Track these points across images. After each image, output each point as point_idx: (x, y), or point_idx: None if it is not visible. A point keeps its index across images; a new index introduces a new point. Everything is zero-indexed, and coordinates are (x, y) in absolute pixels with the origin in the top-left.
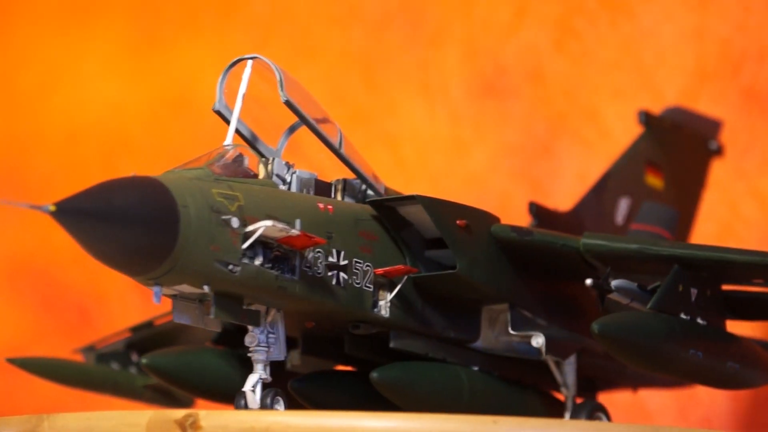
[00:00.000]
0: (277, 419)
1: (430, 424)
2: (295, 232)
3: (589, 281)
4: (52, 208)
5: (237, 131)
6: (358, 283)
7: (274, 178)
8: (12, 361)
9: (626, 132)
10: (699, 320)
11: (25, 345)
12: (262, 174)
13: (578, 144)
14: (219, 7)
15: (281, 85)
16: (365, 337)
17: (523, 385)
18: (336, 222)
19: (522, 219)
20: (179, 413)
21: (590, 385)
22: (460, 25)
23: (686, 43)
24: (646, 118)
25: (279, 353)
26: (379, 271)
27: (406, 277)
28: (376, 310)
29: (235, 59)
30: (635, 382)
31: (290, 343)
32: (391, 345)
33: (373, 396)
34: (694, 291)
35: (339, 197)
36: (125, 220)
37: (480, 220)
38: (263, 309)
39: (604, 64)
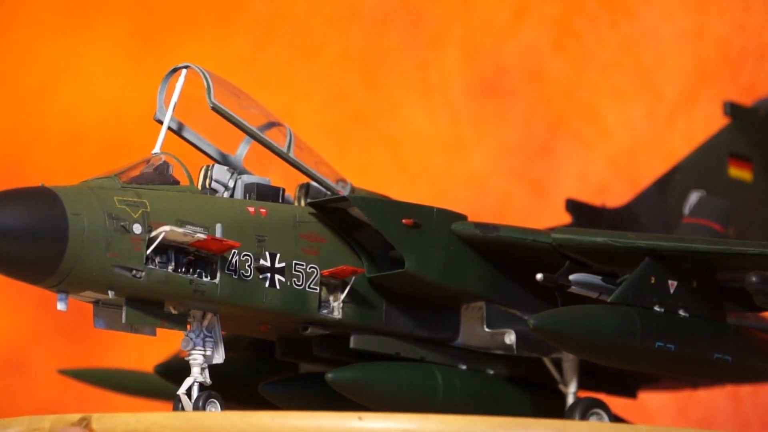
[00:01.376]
0: (156, 421)
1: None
2: (200, 236)
3: (539, 276)
4: None
5: (196, 143)
6: (299, 285)
7: (214, 184)
8: (65, 372)
9: (626, 132)
10: (681, 312)
11: (25, 345)
12: (201, 180)
13: (578, 144)
14: (219, 7)
15: (209, 92)
16: (332, 339)
17: (522, 383)
18: (269, 225)
19: (522, 218)
20: (76, 416)
21: (627, 382)
22: (460, 25)
23: (686, 43)
24: (732, 110)
25: (218, 356)
26: (326, 272)
27: (353, 277)
28: (326, 311)
29: (171, 68)
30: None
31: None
32: (351, 346)
33: (341, 396)
34: (672, 283)
35: (302, 203)
36: (12, 231)
37: (438, 218)
38: (199, 313)
39: (604, 64)
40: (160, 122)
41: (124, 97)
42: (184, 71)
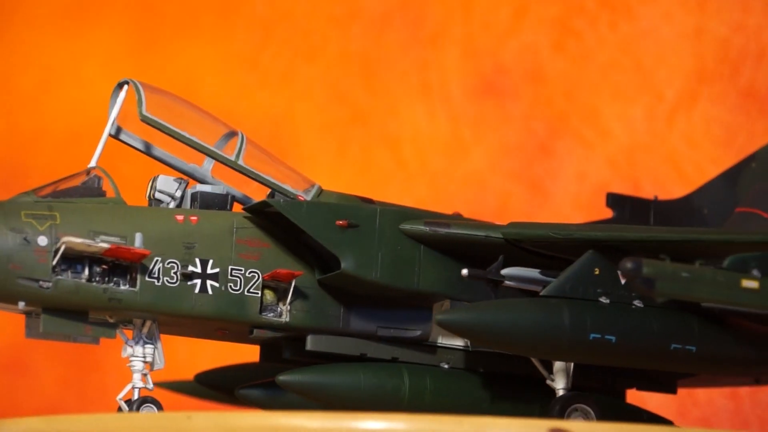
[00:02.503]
0: (66, 426)
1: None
2: (103, 245)
3: (464, 272)
4: None
5: (162, 158)
6: (236, 290)
7: (158, 195)
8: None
9: (626, 132)
10: (636, 303)
11: (25, 345)
12: (148, 192)
13: (578, 144)
14: (219, 7)
15: (140, 104)
16: (300, 341)
17: (510, 381)
18: (200, 232)
19: (522, 218)
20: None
21: (663, 379)
22: (460, 25)
23: (685, 43)
24: None
25: (159, 363)
26: (266, 276)
27: (293, 281)
28: (272, 315)
29: (116, 84)
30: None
31: None
32: (307, 347)
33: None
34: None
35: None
36: None
37: (383, 218)
38: (139, 321)
39: (604, 64)
40: (113, 137)
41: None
42: (125, 87)
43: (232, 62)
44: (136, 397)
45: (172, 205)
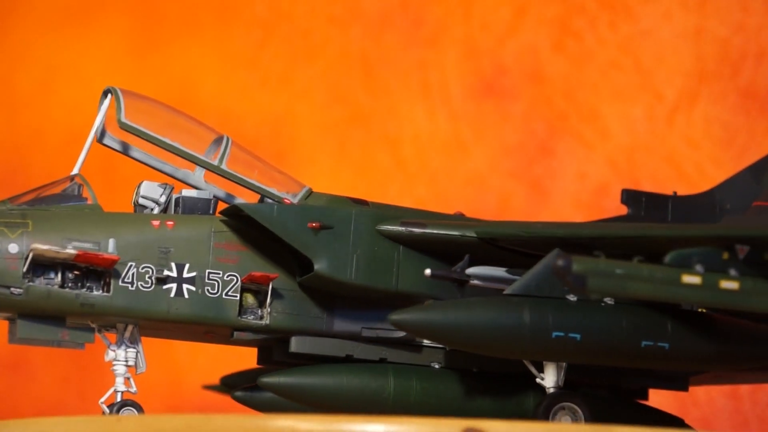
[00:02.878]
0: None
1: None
2: (71, 251)
3: (427, 272)
4: None
5: (153, 165)
6: (213, 293)
7: (142, 200)
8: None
9: (626, 132)
10: (607, 301)
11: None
12: (133, 198)
13: (578, 144)
14: (219, 7)
15: (119, 111)
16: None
17: (503, 379)
18: (177, 237)
19: (522, 218)
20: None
21: (674, 375)
22: (460, 25)
23: (685, 43)
24: None
25: (141, 366)
26: (244, 279)
27: (270, 283)
28: (252, 317)
29: (102, 93)
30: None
31: None
32: (290, 349)
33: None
34: None
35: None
36: None
37: (359, 219)
38: (122, 326)
39: (604, 64)
40: (107, 146)
41: None
42: (109, 95)
43: (232, 62)
44: (118, 400)
45: (156, 210)
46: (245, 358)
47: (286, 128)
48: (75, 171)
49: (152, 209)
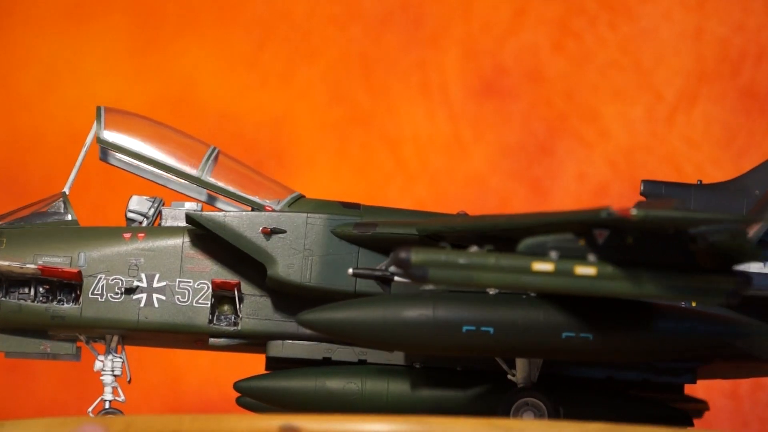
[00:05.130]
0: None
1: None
2: (30, 266)
3: (350, 271)
4: None
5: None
6: (184, 301)
7: (130, 215)
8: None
9: (625, 132)
10: (531, 293)
11: None
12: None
13: (578, 144)
14: (219, 7)
15: (99, 127)
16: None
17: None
18: (147, 248)
19: None
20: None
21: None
22: (460, 25)
23: (685, 43)
24: None
25: (128, 376)
26: (214, 287)
27: (234, 289)
28: (225, 323)
29: (96, 110)
30: None
31: None
32: (267, 354)
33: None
34: None
35: None
36: None
37: (312, 223)
38: (109, 337)
39: (604, 64)
40: (110, 164)
41: (124, 97)
42: (101, 114)
43: (232, 62)
44: (107, 407)
45: (144, 223)
46: (244, 359)
47: (286, 128)
48: (65, 189)
49: (140, 222)
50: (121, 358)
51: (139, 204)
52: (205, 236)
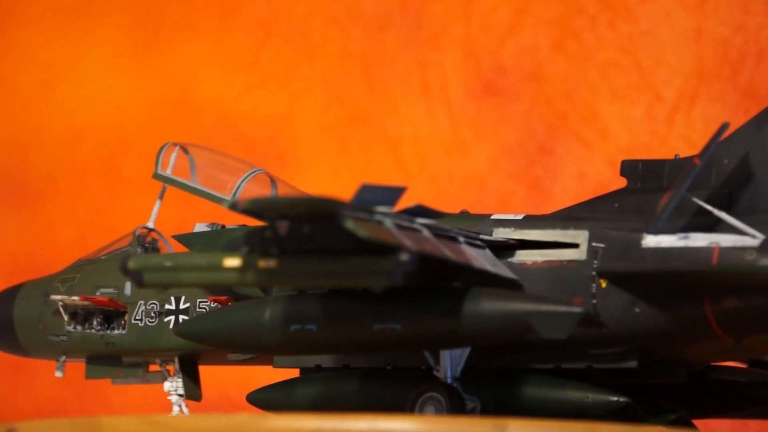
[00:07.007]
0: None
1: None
2: (75, 299)
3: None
4: None
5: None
6: None
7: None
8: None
9: (625, 132)
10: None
11: None
12: None
13: (578, 144)
14: (219, 7)
15: (157, 163)
16: None
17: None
18: None
19: None
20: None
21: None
22: (460, 25)
23: (685, 43)
24: None
25: (195, 395)
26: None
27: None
28: None
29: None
30: None
31: None
32: (273, 366)
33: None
34: None
35: None
36: None
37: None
38: (158, 361)
39: (604, 64)
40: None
41: (124, 97)
42: (176, 149)
43: (232, 62)
44: None
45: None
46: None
47: (286, 128)
48: (149, 224)
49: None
50: (180, 378)
51: (198, 230)
52: None
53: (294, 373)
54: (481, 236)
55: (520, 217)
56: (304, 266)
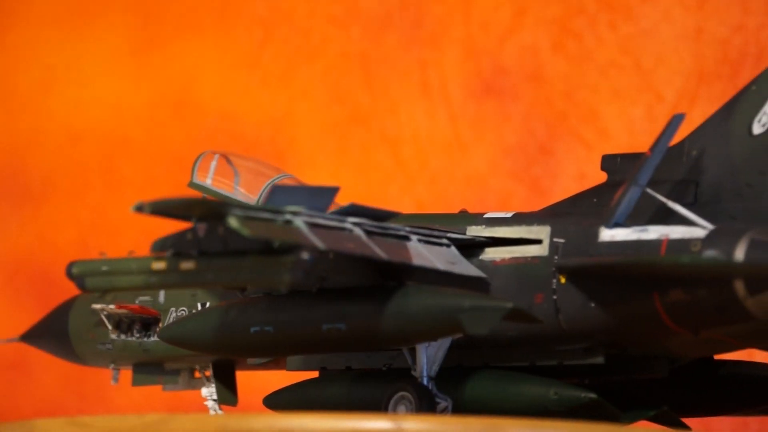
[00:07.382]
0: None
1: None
2: (112, 308)
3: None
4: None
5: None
6: None
7: None
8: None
9: (625, 132)
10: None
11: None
12: None
13: (577, 144)
14: (219, 7)
15: (193, 173)
16: None
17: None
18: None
19: None
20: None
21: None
22: (460, 25)
23: (685, 43)
24: None
25: (230, 400)
26: None
27: None
28: None
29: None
30: None
31: None
32: (287, 368)
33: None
34: None
35: None
36: (49, 336)
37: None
38: (187, 368)
39: (604, 64)
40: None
41: (124, 97)
42: (215, 157)
43: (232, 62)
44: None
45: None
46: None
47: (286, 128)
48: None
49: None
50: (213, 383)
51: None
52: None
53: (305, 376)
54: (449, 235)
55: (506, 215)
56: (216, 267)
